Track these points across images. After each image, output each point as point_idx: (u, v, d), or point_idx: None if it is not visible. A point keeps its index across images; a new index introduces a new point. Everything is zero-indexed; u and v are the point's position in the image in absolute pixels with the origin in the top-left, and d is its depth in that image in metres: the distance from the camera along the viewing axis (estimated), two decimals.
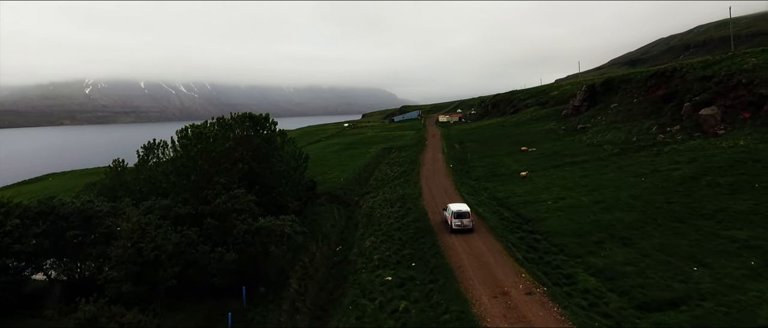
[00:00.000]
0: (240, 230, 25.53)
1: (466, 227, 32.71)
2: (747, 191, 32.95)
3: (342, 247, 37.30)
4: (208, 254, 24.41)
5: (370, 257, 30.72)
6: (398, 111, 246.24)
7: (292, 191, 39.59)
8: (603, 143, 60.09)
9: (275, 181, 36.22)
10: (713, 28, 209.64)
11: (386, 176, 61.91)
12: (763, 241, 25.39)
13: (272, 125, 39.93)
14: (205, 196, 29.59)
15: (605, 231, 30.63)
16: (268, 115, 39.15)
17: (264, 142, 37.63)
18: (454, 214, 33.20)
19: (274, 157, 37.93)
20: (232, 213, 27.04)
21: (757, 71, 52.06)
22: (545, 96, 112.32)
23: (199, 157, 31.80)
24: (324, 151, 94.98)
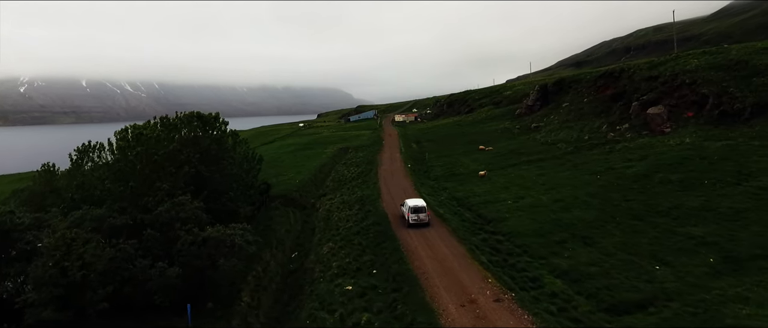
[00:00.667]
0: (185, 241, 23.09)
1: (423, 222, 33.62)
2: (697, 188, 33.56)
3: (298, 253, 35.21)
4: (147, 269, 21.85)
5: (329, 265, 28.90)
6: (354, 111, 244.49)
7: (245, 196, 37.10)
8: (557, 142, 60.82)
9: (226, 185, 33.68)
10: (651, 31, 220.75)
11: (343, 176, 60.07)
12: (718, 237, 25.58)
13: (223, 125, 37.30)
14: (146, 204, 26.78)
15: (567, 230, 30.23)
16: (218, 115, 36.49)
17: (213, 144, 34.97)
18: (410, 209, 33.97)
19: (225, 160, 35.35)
20: (176, 222, 24.49)
21: (699, 72, 54.06)
22: (499, 96, 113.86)
23: (139, 161, 28.85)
24: (278, 152, 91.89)
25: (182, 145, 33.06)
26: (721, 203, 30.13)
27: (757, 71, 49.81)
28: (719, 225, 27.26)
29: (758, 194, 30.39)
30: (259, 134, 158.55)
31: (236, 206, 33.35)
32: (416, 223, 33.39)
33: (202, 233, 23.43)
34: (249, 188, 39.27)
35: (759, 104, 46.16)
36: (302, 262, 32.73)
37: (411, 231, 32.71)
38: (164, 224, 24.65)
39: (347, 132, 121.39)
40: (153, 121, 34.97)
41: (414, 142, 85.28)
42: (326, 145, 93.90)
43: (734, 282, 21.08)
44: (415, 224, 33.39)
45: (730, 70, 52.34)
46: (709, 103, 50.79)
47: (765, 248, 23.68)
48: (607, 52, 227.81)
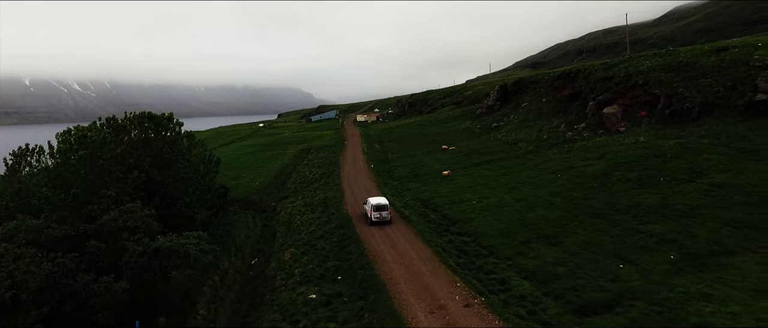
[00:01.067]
0: (133, 252, 21.24)
1: (385, 219, 34.28)
2: (654, 186, 34.31)
3: (258, 260, 33.61)
4: (90, 284, 19.92)
5: (291, 272, 27.56)
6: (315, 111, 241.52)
7: (201, 200, 35.13)
8: (517, 141, 61.48)
9: (180, 190, 31.67)
10: (601, 34, 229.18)
11: (305, 178, 58.48)
12: (678, 234, 26.03)
13: (177, 126, 35.13)
14: (90, 212, 24.59)
15: (531, 230, 30.16)
16: (171, 115, 34.30)
17: (166, 146, 32.82)
18: (373, 207, 34.53)
19: (179, 163, 33.28)
20: (124, 232, 22.55)
21: (651, 73, 55.83)
22: (460, 95, 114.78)
23: (83, 166, 26.49)
24: (238, 154, 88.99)
25: (131, 148, 30.81)
26: (677, 200, 30.84)
27: (703, 72, 51.83)
28: (677, 222, 27.82)
29: (711, 191, 31.30)
30: (217, 135, 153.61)
31: (191, 211, 31.41)
32: (379, 220, 34.05)
33: (153, 243, 21.63)
34: (206, 192, 37.26)
35: (706, 104, 47.98)
36: (263, 269, 31.20)
37: (376, 234, 31.80)
38: (110, 234, 22.65)
39: (309, 132, 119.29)
40: (99, 122, 32.43)
41: (377, 143, 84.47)
42: (287, 146, 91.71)
43: (695, 279, 21.35)
44: (377, 221, 34.02)
45: (679, 72, 54.28)
46: (660, 102, 52.49)
47: (721, 244, 24.23)
48: (561, 54, 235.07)
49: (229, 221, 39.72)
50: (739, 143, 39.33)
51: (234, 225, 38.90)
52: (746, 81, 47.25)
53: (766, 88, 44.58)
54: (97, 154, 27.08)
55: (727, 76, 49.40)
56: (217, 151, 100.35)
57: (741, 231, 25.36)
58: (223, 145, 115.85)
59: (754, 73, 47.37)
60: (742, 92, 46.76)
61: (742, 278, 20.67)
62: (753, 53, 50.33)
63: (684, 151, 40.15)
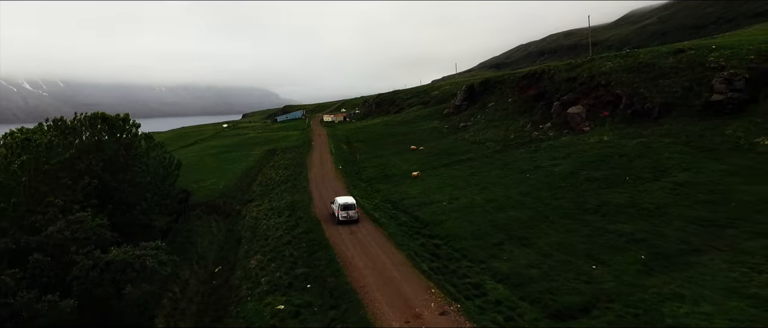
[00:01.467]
0: (83, 266, 19.40)
1: (352, 218, 34.35)
2: (621, 185, 34.68)
3: (222, 268, 31.93)
4: (33, 303, 17.99)
5: (257, 280, 26.14)
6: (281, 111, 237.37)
7: (160, 206, 33.08)
8: (485, 141, 61.60)
9: (137, 195, 29.63)
10: (562, 36, 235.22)
11: (272, 180, 56.69)
12: (647, 233, 26.17)
13: (133, 128, 32.88)
14: (33, 223, 22.43)
15: (503, 231, 29.81)
16: (127, 116, 32.07)
17: (122, 149, 30.65)
18: (340, 206, 34.66)
19: (136, 167, 31.19)
20: (72, 244, 20.61)
21: (613, 74, 56.97)
22: (427, 96, 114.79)
23: (25, 173, 24.21)
24: (200, 155, 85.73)
25: (82, 152, 28.53)
26: (643, 200, 31.19)
27: (662, 73, 53.22)
28: (645, 221, 28.04)
29: (675, 190, 31.83)
30: (179, 136, 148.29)
31: (150, 218, 29.43)
32: (346, 219, 34.17)
33: (105, 256, 19.83)
34: (165, 197, 35.18)
35: (666, 104, 49.23)
36: (227, 277, 29.60)
37: (346, 238, 30.72)
38: (56, 246, 20.66)
39: (275, 133, 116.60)
40: (46, 124, 29.93)
41: (344, 143, 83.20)
42: (252, 147, 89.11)
43: (667, 279, 21.35)
44: (345, 220, 34.15)
45: (639, 72, 55.59)
46: (622, 102, 53.59)
47: (688, 242, 24.46)
48: (524, 55, 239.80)
49: (191, 227, 37.71)
50: (697, 142, 40.41)
51: (196, 231, 36.95)
52: (702, 82, 48.75)
53: (721, 88, 46.09)
54: (43, 160, 24.83)
55: (685, 77, 50.88)
56: (179, 153, 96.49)
57: (706, 229, 25.73)
58: (185, 146, 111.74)
59: (709, 74, 48.94)
60: (698, 93, 48.21)
61: (711, 277, 20.78)
62: (708, 55, 52.04)
63: (647, 150, 40.94)
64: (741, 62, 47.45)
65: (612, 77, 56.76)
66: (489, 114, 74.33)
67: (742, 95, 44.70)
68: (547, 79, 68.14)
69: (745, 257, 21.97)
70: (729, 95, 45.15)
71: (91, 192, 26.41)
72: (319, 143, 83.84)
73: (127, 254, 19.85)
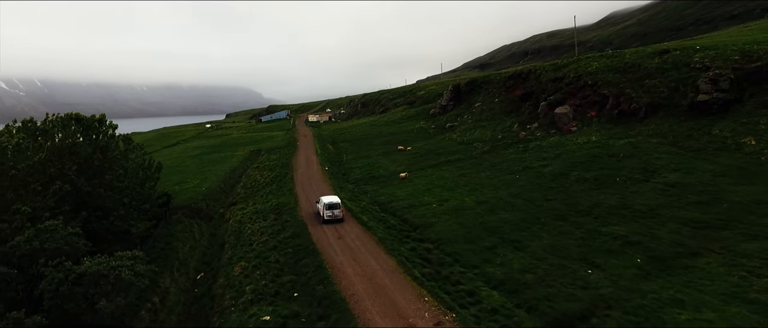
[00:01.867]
0: (53, 279, 17.97)
1: (337, 217, 34.57)
2: (611, 186, 34.25)
3: (204, 274, 30.57)
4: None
5: (241, 289, 24.88)
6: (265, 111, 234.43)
7: (139, 211, 31.53)
8: (472, 141, 61.02)
9: (114, 200, 28.06)
10: (545, 37, 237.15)
11: (256, 182, 55.22)
12: (641, 236, 25.64)
13: (110, 129, 31.20)
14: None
15: (495, 235, 29.05)
16: (103, 117, 30.38)
17: (97, 152, 29.02)
18: (325, 205, 34.87)
19: (113, 170, 29.60)
20: (41, 255, 19.13)
21: (600, 74, 56.86)
22: (413, 96, 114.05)
23: None
24: (182, 157, 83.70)
25: (54, 155, 26.86)
26: (635, 201, 30.74)
27: (648, 74, 53.22)
28: (638, 223, 27.55)
29: (666, 191, 31.47)
30: (161, 136, 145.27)
31: (128, 224, 27.90)
32: (331, 218, 34.46)
33: (77, 268, 18.39)
34: (145, 201, 33.61)
35: (652, 104, 49.17)
36: (210, 285, 28.26)
37: (334, 243, 29.63)
38: (24, 257, 19.16)
39: (259, 133, 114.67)
40: (14, 125, 28.12)
41: (330, 144, 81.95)
42: (236, 148, 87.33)
43: (665, 284, 20.78)
44: (330, 219, 34.42)
45: (625, 73, 55.55)
46: (609, 103, 53.47)
47: (684, 245, 23.98)
48: (508, 56, 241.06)
49: (172, 232, 36.17)
50: (685, 142, 40.30)
51: (177, 236, 35.43)
52: (688, 82, 48.80)
53: (707, 89, 46.13)
54: (9, 164, 23.17)
55: (670, 77, 50.92)
56: (161, 154, 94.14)
57: (700, 231, 25.31)
58: (167, 147, 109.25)
59: (695, 74, 49.03)
60: (684, 93, 48.24)
61: (710, 282, 20.26)
62: (693, 56, 52.20)
63: (635, 150, 40.69)
64: (725, 63, 47.61)
65: (598, 77, 56.65)
66: (476, 114, 73.84)
67: (728, 95, 44.78)
68: (534, 79, 67.89)
69: (743, 260, 21.53)
70: (715, 95, 45.21)
71: (64, 198, 24.83)
72: (304, 144, 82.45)
73: (101, 265, 18.42)
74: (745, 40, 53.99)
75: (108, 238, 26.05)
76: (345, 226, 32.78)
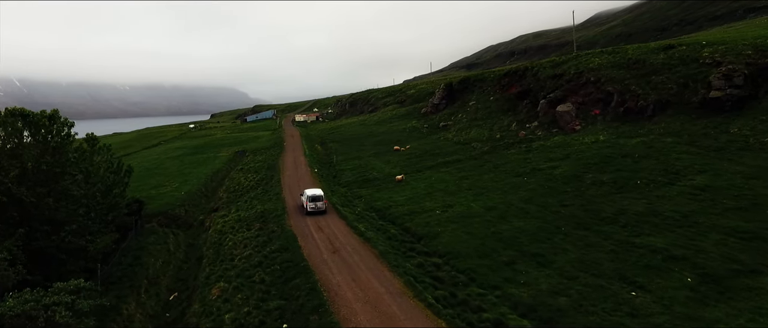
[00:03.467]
0: None
1: (320, 210, 35.20)
2: (632, 189, 30.77)
3: (178, 295, 26.17)
4: None
5: (219, 317, 20.63)
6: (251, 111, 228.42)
7: (102, 221, 26.97)
8: (470, 141, 57.35)
9: (68, 212, 23.51)
10: (531, 37, 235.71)
11: (240, 185, 50.70)
12: (683, 249, 22.07)
13: (65, 127, 26.47)
14: None
15: (512, 247, 25.25)
16: (55, 113, 25.64)
17: (47, 155, 24.38)
18: (309, 198, 35.45)
19: (69, 176, 25.00)
20: None
21: (603, 70, 53.66)
22: (403, 95, 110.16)
23: None
24: (162, 158, 78.42)
25: None
26: (664, 207, 27.26)
27: (654, 70, 50.15)
28: (674, 233, 24.02)
29: (697, 195, 28.06)
30: (142, 137, 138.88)
31: (85, 240, 23.37)
32: (314, 211, 35.05)
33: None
34: (110, 210, 29.03)
35: (661, 101, 46.06)
36: (183, 309, 23.91)
37: (329, 258, 25.49)
38: None
39: (244, 133, 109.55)
40: None
41: (318, 144, 77.60)
42: (220, 149, 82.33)
43: (730, 310, 17.17)
44: (313, 211, 35.02)
45: (630, 69, 52.44)
46: (614, 100, 50.26)
47: (738, 261, 20.46)
48: (494, 56, 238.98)
49: (143, 245, 31.58)
50: (703, 141, 37.11)
51: (149, 249, 30.86)
52: (698, 78, 45.80)
53: (719, 85, 43.13)
54: None
55: (679, 73, 47.90)
56: (140, 156, 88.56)
57: (750, 243, 21.84)
58: (147, 148, 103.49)
59: (705, 70, 46.05)
60: (694, 89, 45.20)
61: None
62: (700, 51, 49.27)
63: (650, 150, 37.35)
64: (738, 57, 44.69)
65: (601, 73, 53.44)
66: (470, 113, 70.25)
67: (742, 92, 41.80)
68: (531, 76, 64.53)
69: None
70: (728, 92, 42.22)
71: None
72: (291, 144, 77.96)
73: (28, 304, 14.03)
74: (754, 35, 51.26)
75: (60, 257, 21.56)
76: (340, 238, 28.67)
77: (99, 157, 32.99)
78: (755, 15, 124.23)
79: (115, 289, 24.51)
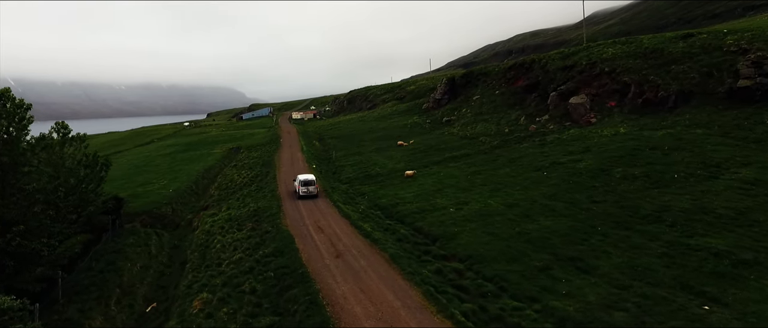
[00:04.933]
0: None
1: (312, 194, 35.34)
2: (670, 184, 27.11)
3: (157, 306, 22.26)
4: None
5: None
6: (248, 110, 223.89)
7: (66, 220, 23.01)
8: (477, 135, 53.65)
9: (20, 209, 19.56)
10: (529, 36, 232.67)
11: (233, 182, 46.78)
12: (755, 253, 18.39)
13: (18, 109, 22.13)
14: None
15: (544, 249, 21.51)
16: (6, 91, 21.52)
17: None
18: (301, 182, 35.71)
19: (24, 169, 21.04)
20: None
21: (618, 60, 50.12)
22: (402, 91, 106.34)
23: None
24: (153, 155, 74.20)
25: None
26: (713, 203, 23.61)
27: (674, 59, 46.65)
28: (735, 233, 20.35)
29: (748, 190, 24.44)
30: (135, 135, 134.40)
31: (41, 243, 19.41)
32: (306, 195, 35.15)
33: None
34: (78, 208, 25.10)
35: (683, 92, 42.56)
36: (161, 323, 20.01)
37: (332, 264, 21.66)
38: None
39: (239, 131, 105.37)
40: None
41: (316, 140, 73.70)
42: (214, 146, 78.17)
43: None
44: (304, 195, 35.10)
45: (646, 59, 48.91)
46: (631, 91, 46.72)
47: None
48: (492, 55, 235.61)
49: (120, 247, 27.58)
50: (737, 133, 33.59)
51: (126, 252, 26.88)
52: (723, 67, 42.36)
53: (748, 73, 39.67)
54: None
55: (701, 62, 44.41)
56: (131, 153, 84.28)
57: None
58: (139, 145, 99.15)
59: (730, 58, 42.62)
60: (720, 79, 41.74)
61: None
62: (723, 39, 45.83)
63: (680, 142, 33.75)
64: (767, 44, 41.27)
65: (616, 64, 49.90)
66: (475, 107, 66.56)
67: None
68: (539, 68, 60.93)
69: None
70: (758, 81, 38.80)
71: None
72: (288, 140, 74.00)
73: None
74: None
75: (7, 263, 17.64)
76: (343, 239, 24.83)
77: (71, 149, 29.03)
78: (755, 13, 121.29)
79: (80, 300, 20.60)
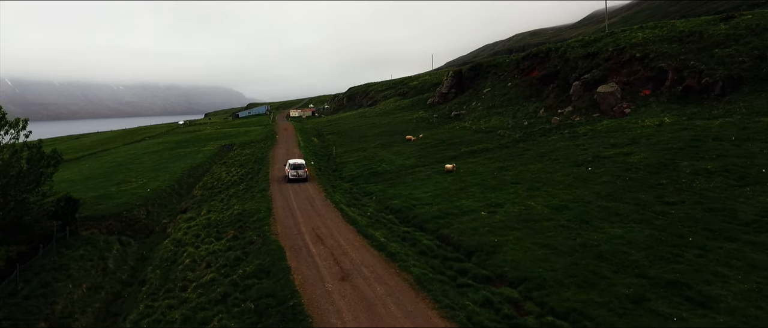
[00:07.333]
0: None
1: (301, 177, 35.15)
2: (762, 180, 21.09)
3: None
4: None
5: None
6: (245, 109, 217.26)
7: None
8: (492, 129, 47.60)
9: None
10: (528, 35, 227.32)
11: (220, 181, 40.54)
12: None
13: None
14: None
15: (626, 270, 15.41)
16: None
17: None
18: (291, 166, 35.92)
19: None
20: None
21: (650, 45, 44.18)
22: (405, 87, 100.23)
23: None
24: (139, 153, 67.79)
25: None
26: None
27: (716, 43, 40.76)
28: None
29: None
30: (127, 133, 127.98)
31: None
32: (295, 178, 35.03)
33: None
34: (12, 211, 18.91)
35: (731, 78, 36.64)
36: None
37: (334, 289, 15.47)
38: None
39: (234, 128, 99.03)
40: None
41: (315, 136, 67.48)
42: (205, 143, 71.85)
43: None
44: (294, 179, 35.01)
45: (684, 43, 43.00)
46: (669, 78, 40.79)
47: None
48: (491, 54, 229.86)
49: (64, 262, 21.25)
50: None
51: (69, 269, 20.54)
52: None
53: None
54: None
55: (751, 44, 38.52)
56: (118, 151, 77.70)
57: None
58: (128, 143, 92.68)
59: None
60: None
61: None
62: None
63: (747, 132, 27.78)
64: None
65: (649, 49, 43.97)
66: (486, 101, 60.51)
67: None
68: (557, 57, 54.98)
69: None
70: None
71: None
72: (284, 137, 67.76)
73: None
74: None
75: None
76: (350, 253, 18.65)
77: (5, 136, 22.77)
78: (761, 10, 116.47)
79: None
